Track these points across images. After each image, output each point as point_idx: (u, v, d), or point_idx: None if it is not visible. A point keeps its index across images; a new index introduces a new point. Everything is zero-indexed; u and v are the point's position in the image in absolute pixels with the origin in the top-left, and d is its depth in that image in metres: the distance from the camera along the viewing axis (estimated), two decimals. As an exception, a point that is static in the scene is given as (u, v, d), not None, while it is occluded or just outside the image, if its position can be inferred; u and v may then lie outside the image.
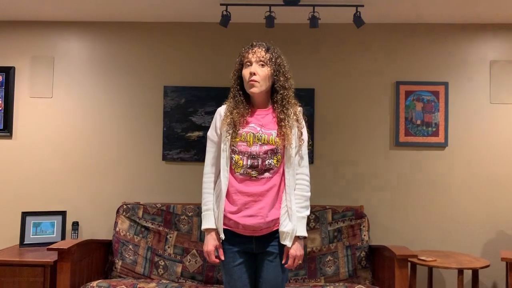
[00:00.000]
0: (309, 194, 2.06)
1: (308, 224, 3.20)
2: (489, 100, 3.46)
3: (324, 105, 3.51)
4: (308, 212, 2.04)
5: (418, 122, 3.47)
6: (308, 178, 2.07)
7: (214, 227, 2.01)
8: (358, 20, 3.08)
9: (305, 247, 3.14)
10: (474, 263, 2.90)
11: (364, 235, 3.15)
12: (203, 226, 2.04)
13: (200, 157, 3.50)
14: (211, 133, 2.11)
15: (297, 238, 1.99)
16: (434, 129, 3.46)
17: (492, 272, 3.33)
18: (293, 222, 1.97)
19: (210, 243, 2.00)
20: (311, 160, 3.43)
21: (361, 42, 3.52)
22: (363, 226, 3.17)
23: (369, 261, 3.11)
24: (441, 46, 3.49)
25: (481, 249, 3.41)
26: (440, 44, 3.49)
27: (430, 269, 3.24)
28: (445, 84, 3.46)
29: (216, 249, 2.00)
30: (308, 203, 2.05)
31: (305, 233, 2.01)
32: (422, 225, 3.45)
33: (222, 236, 1.99)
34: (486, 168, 3.44)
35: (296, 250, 1.98)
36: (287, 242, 1.96)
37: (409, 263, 2.74)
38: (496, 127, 3.45)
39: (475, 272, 2.96)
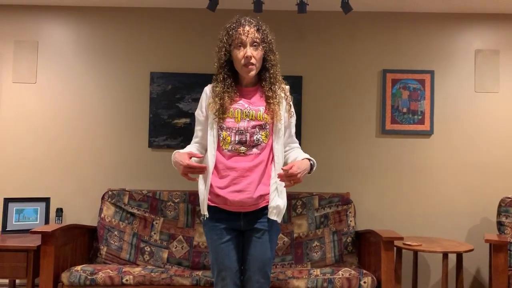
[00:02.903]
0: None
1: (295, 210, 3.20)
2: (474, 88, 3.50)
3: (312, 93, 3.52)
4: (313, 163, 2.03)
5: (404, 110, 3.50)
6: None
7: (186, 151, 1.98)
8: (346, 6, 3.07)
9: (292, 233, 3.14)
10: (458, 247, 2.94)
11: (351, 221, 3.17)
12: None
13: (186, 144, 3.46)
14: (197, 113, 2.13)
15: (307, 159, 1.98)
16: (420, 117, 3.49)
17: (476, 256, 3.37)
18: (283, 199, 1.99)
19: (183, 156, 1.92)
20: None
21: (348, 30, 3.54)
22: (350, 212, 3.19)
23: (355, 247, 3.13)
24: (428, 35, 3.53)
25: (465, 235, 3.45)
26: (427, 33, 3.53)
27: (416, 254, 3.27)
28: (431, 73, 3.49)
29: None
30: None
31: (313, 161, 2.01)
32: (408, 212, 3.48)
33: (206, 214, 1.99)
34: (471, 156, 3.48)
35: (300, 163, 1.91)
36: (276, 217, 1.96)
37: (394, 248, 2.76)
38: (481, 115, 3.50)
39: (459, 256, 3.00)
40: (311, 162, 2.00)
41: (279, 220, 1.97)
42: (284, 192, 2.00)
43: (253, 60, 1.96)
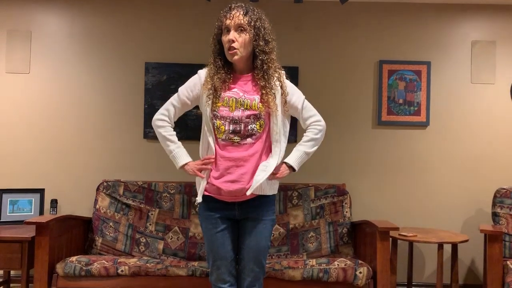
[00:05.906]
0: (318, 136, 2.08)
1: (291, 201, 3.20)
2: (470, 80, 3.50)
3: (308, 84, 3.50)
4: (309, 150, 2.05)
5: (401, 101, 3.49)
6: (321, 123, 2.11)
7: (190, 160, 2.03)
8: (342, -4, 3.06)
9: (287, 224, 3.14)
10: (453, 238, 2.95)
11: (346, 212, 3.17)
12: (180, 163, 2.03)
13: (182, 135, 3.45)
14: (181, 90, 2.07)
15: (285, 164, 2.01)
16: (416, 108, 3.49)
17: (471, 247, 3.39)
18: (266, 172, 1.94)
19: (194, 168, 2.00)
20: (294, 138, 3.42)
21: (345, 21, 3.52)
22: (345, 203, 3.19)
23: (351, 237, 3.13)
24: (424, 26, 3.51)
25: (460, 226, 3.46)
26: (423, 24, 3.51)
27: (411, 245, 3.28)
28: (428, 64, 3.48)
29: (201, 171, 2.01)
30: (314, 142, 2.07)
31: (295, 164, 2.02)
32: (403, 203, 3.48)
33: (199, 199, 1.98)
34: (466, 147, 3.48)
35: (281, 172, 2.00)
36: (259, 192, 1.95)
37: (390, 239, 2.76)
38: (477, 107, 3.49)
39: (454, 247, 3.01)
40: (288, 163, 2.03)
41: (259, 192, 1.94)
42: (269, 170, 1.94)
43: (235, 44, 1.91)
